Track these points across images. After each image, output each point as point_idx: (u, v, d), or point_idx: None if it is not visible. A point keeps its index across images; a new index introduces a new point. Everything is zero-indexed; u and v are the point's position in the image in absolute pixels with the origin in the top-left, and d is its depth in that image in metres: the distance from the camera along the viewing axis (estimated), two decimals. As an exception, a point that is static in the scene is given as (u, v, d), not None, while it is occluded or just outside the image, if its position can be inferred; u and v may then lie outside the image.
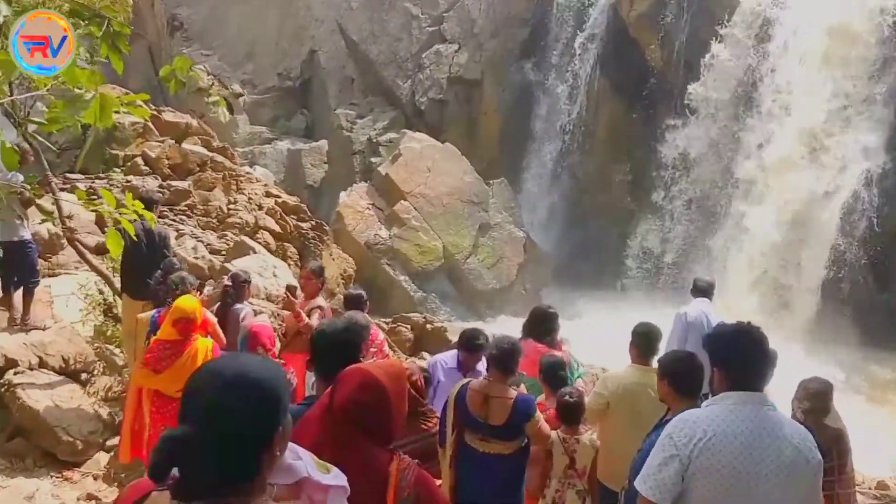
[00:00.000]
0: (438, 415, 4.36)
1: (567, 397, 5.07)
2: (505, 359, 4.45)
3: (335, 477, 2.02)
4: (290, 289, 6.90)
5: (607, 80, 20.19)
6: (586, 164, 20.66)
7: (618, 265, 19.52)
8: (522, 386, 4.96)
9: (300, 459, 1.96)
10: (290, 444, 1.88)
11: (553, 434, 4.91)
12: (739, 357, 2.94)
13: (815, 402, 4.87)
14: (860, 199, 16.03)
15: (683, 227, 18.84)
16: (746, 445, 2.75)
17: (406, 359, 10.07)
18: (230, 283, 7.11)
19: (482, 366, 5.09)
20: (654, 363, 4.40)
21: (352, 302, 6.47)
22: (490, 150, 21.00)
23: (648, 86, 19.54)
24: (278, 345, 6.71)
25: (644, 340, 5.01)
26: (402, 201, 17.87)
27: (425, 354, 10.40)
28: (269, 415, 1.70)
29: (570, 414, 5.06)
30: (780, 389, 4.70)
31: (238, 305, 6.99)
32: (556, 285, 19.17)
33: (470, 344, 5.23)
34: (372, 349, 5.75)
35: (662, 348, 5.25)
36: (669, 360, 4.02)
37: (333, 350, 3.09)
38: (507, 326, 13.12)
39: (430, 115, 21.60)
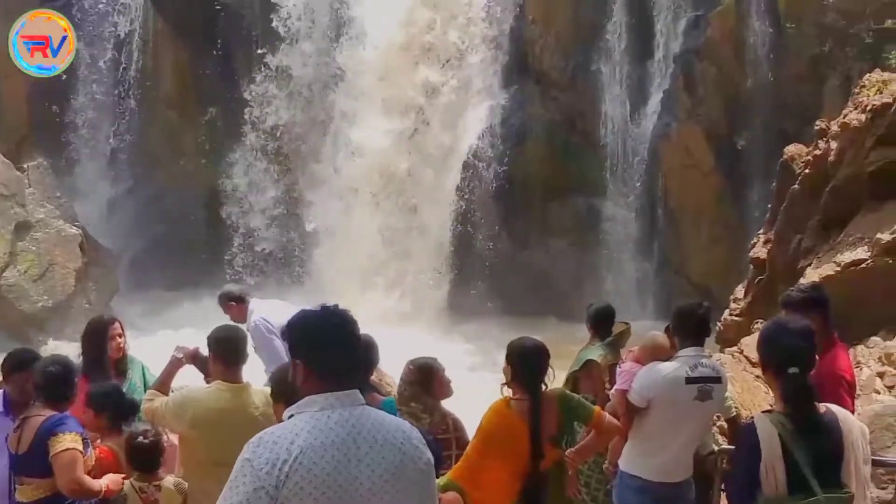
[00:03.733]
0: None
1: (140, 438, 4.95)
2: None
3: None
4: None
5: (165, 22, 19.12)
6: (151, 132, 19.40)
7: (221, 249, 18.78)
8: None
9: None
10: None
11: (126, 485, 4.88)
12: (320, 347, 2.84)
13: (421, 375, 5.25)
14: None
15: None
16: (342, 457, 2.69)
17: None
18: None
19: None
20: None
21: None
22: (18, 125, 18.58)
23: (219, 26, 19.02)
24: None
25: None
26: None
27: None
28: None
29: (144, 458, 4.98)
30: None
31: None
32: (139, 290, 17.89)
33: None
34: None
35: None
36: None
37: None
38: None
39: None
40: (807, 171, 10.46)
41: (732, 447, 5.40)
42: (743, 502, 3.35)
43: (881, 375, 8.06)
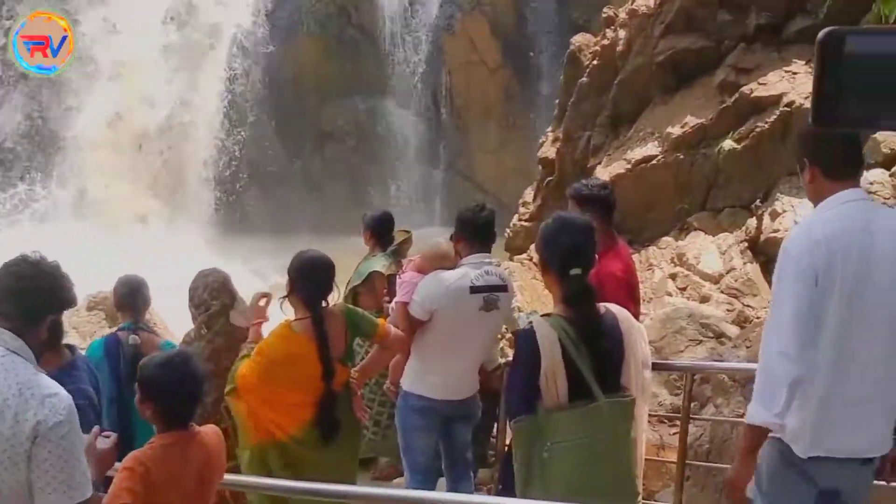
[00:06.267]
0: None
1: None
2: None
3: None
4: None
5: None
6: None
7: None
8: None
9: None
10: None
11: None
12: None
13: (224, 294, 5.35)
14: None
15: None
16: None
17: None
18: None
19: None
20: None
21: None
22: None
23: None
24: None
25: None
26: None
27: None
28: None
29: None
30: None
31: None
32: None
33: None
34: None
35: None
36: None
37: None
38: None
39: None
40: (594, 62, 10.71)
41: (515, 358, 5.54)
42: (522, 412, 3.39)
43: (673, 277, 8.44)
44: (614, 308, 3.64)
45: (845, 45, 1.08)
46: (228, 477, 3.88)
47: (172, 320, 9.31)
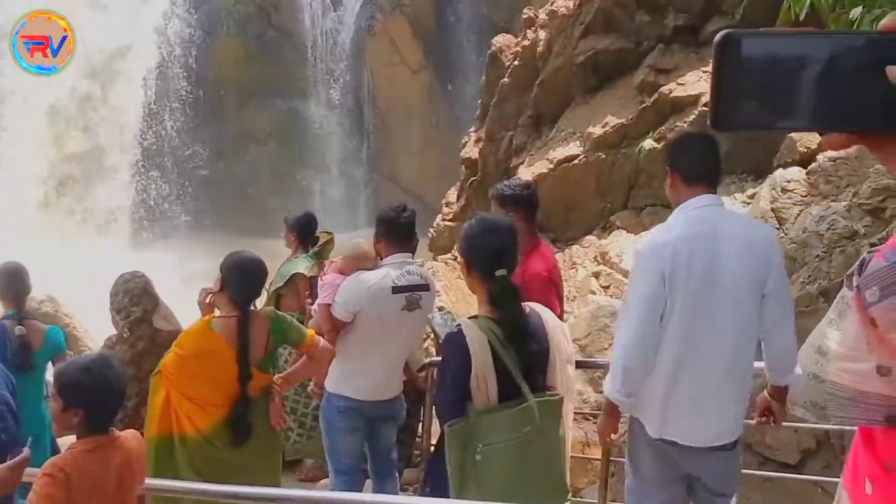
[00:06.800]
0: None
1: None
2: None
3: None
4: None
5: None
6: None
7: None
8: None
9: None
10: None
11: None
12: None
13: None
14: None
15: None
16: None
17: None
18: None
19: None
20: None
21: None
22: None
23: None
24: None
25: None
26: None
27: None
28: None
29: None
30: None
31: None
32: None
33: None
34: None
35: None
36: None
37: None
38: None
39: None
40: (516, 63, 10.76)
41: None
42: (454, 416, 3.35)
43: (597, 275, 8.46)
44: (538, 307, 3.64)
45: (742, 48, 1.07)
46: (150, 481, 3.79)
47: (93, 326, 9.12)
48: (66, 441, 4.33)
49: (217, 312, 4.47)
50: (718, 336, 3.48)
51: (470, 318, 3.52)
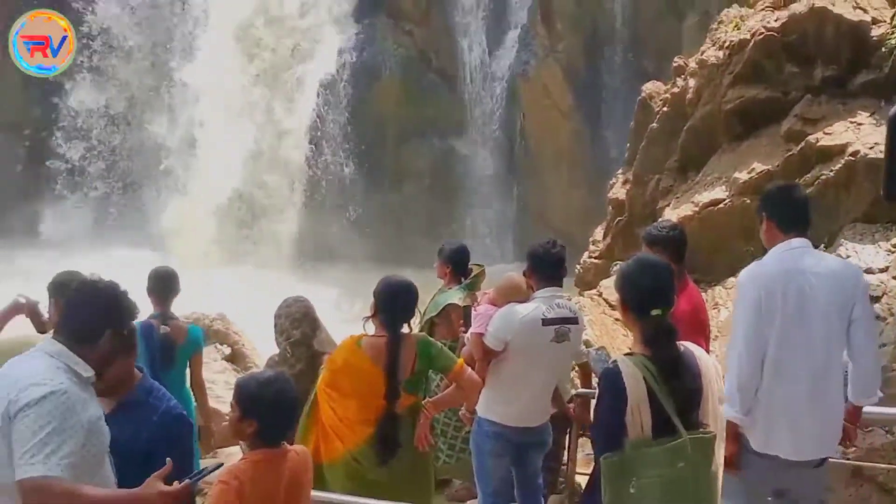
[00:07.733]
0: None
1: None
2: None
3: None
4: None
5: None
6: None
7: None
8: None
9: None
10: None
11: None
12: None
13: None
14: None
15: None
16: None
17: None
18: None
19: None
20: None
21: None
22: None
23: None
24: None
25: None
26: None
27: None
28: None
29: None
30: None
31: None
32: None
33: None
34: None
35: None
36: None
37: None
38: None
39: None
40: (665, 109, 10.81)
41: (588, 391, 5.58)
42: (610, 448, 3.40)
43: None
44: (691, 346, 3.66)
45: None
46: (315, 493, 3.91)
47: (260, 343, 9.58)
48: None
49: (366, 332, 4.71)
50: (810, 356, 3.95)
51: (625, 354, 3.58)
